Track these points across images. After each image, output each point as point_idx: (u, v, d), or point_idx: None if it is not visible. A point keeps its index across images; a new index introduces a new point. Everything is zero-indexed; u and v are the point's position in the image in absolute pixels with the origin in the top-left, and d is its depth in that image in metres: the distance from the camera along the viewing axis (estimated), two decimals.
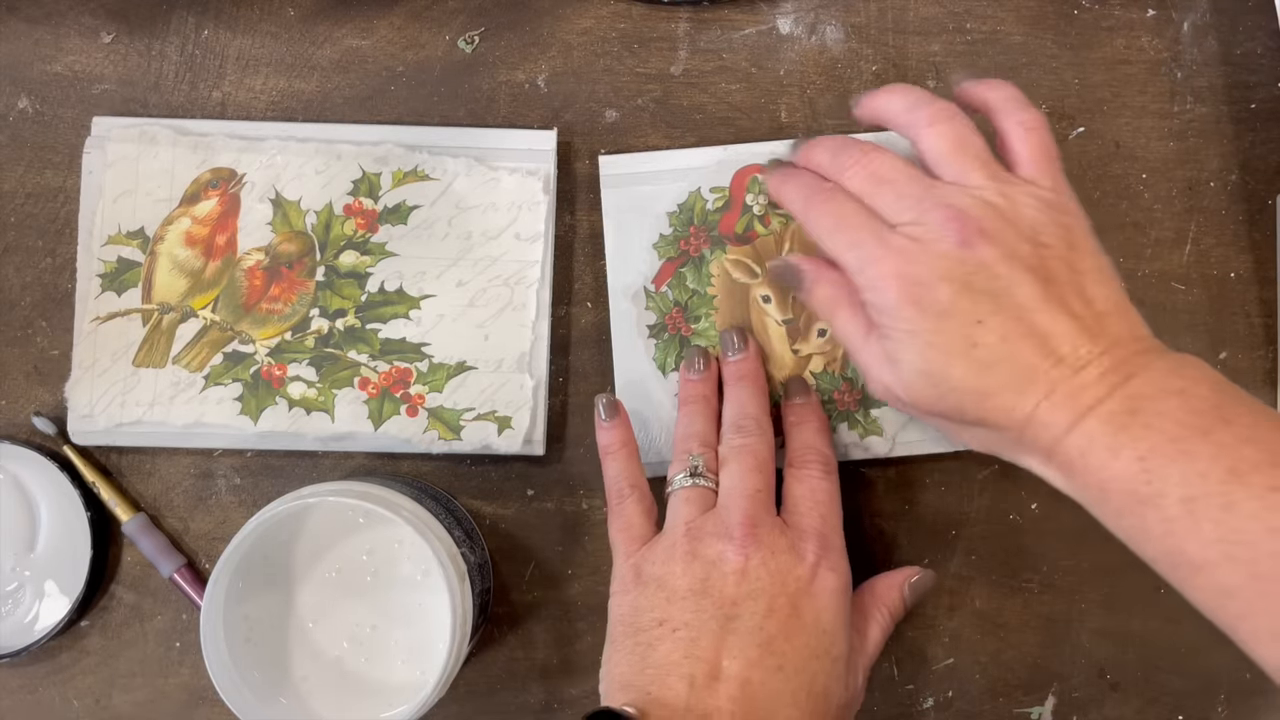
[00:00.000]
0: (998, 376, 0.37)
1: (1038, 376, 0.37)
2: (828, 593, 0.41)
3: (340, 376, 0.48)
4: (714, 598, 0.40)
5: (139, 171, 0.48)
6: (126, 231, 0.48)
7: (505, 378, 0.48)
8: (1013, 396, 0.37)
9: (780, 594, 0.40)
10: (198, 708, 0.49)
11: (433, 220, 0.49)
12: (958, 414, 0.39)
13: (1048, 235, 0.38)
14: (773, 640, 0.39)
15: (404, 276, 0.48)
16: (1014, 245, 0.38)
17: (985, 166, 0.40)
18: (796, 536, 0.42)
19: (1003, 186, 0.39)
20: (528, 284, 0.48)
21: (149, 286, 0.48)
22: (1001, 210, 0.39)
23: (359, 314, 0.48)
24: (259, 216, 0.49)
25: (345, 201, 0.49)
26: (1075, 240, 0.39)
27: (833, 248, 0.41)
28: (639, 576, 0.42)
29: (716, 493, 0.43)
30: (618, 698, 0.39)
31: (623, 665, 0.40)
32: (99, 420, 0.48)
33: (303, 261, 0.48)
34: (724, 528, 0.41)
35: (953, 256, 0.38)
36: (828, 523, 0.43)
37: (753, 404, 0.45)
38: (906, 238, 0.39)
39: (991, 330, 0.37)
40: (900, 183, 0.40)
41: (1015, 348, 0.37)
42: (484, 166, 0.49)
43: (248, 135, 0.49)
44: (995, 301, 0.37)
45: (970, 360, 0.37)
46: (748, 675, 0.39)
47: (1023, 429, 0.37)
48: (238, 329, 0.48)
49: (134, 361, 0.48)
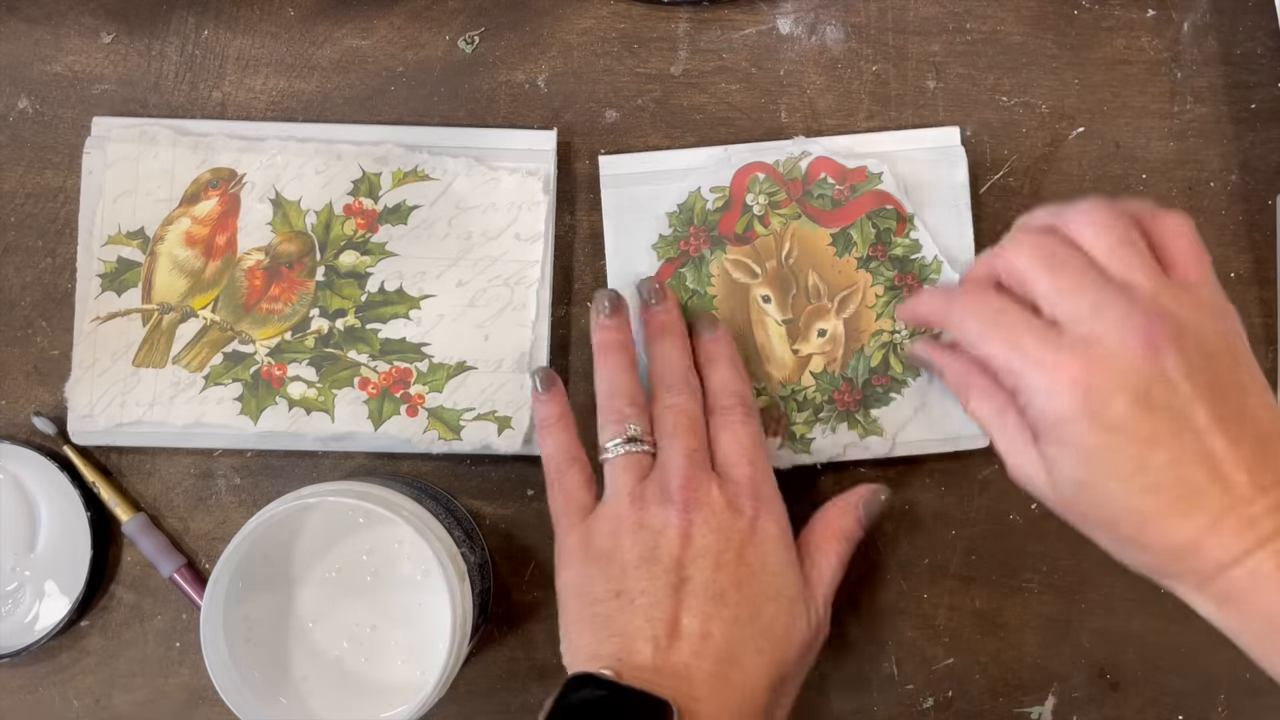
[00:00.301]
0: (1162, 500, 0.35)
1: (1206, 503, 0.35)
2: (770, 540, 0.42)
3: (340, 376, 0.48)
4: (664, 563, 0.41)
5: (139, 171, 0.48)
6: (126, 231, 0.48)
7: (505, 378, 0.48)
8: (1176, 521, 0.35)
9: (726, 549, 0.41)
10: (198, 708, 0.49)
11: (433, 220, 0.49)
12: (1109, 529, 0.37)
13: (1215, 345, 0.36)
14: (725, 592, 0.40)
15: (404, 276, 0.48)
16: (1192, 356, 0.36)
17: (1147, 265, 0.37)
18: (733, 491, 0.43)
19: (1173, 290, 0.37)
20: (528, 284, 0.48)
21: (149, 286, 0.48)
22: (1177, 316, 0.36)
23: (359, 314, 0.48)
24: (259, 216, 0.49)
25: (345, 201, 0.49)
26: (1239, 354, 0.37)
27: (985, 348, 0.39)
28: (587, 550, 0.42)
29: (653, 455, 0.44)
30: (589, 667, 0.39)
31: (586, 637, 0.41)
32: (99, 420, 0.48)
33: (303, 261, 0.48)
34: (665, 493, 0.42)
35: (1135, 365, 0.35)
36: (757, 468, 0.43)
37: (678, 358, 0.45)
38: (1080, 339, 0.36)
39: (1165, 450, 0.35)
40: (1069, 270, 0.37)
41: (1186, 471, 0.35)
42: (484, 166, 0.49)
43: (248, 135, 0.49)
44: (1172, 420, 0.35)
45: (1136, 481, 0.35)
46: (708, 629, 0.40)
47: (1182, 555, 0.35)
48: (238, 329, 0.48)
49: (134, 361, 0.48)
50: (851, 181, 0.49)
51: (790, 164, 0.49)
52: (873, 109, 0.50)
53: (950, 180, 0.49)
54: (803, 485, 0.49)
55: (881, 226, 0.48)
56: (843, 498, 0.46)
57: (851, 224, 0.49)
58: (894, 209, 0.48)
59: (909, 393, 0.48)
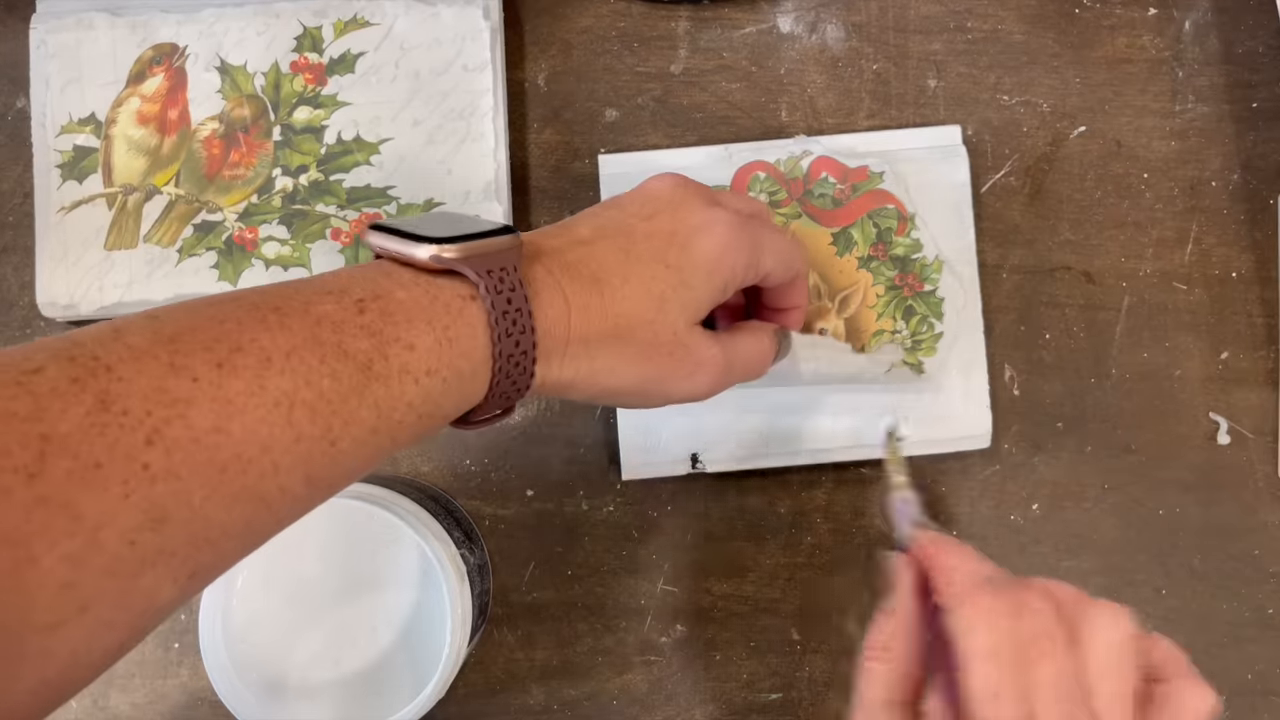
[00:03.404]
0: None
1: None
2: (712, 242, 0.37)
3: (312, 230, 0.49)
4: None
5: (80, 58, 0.49)
6: (78, 119, 0.49)
7: (475, 208, 0.48)
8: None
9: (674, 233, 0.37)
10: (197, 708, 0.49)
11: (380, 65, 0.49)
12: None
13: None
14: (633, 230, 0.36)
15: (359, 124, 0.49)
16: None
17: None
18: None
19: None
20: (482, 114, 0.49)
21: (109, 170, 0.49)
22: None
23: (321, 167, 0.49)
24: (208, 86, 0.49)
25: (291, 59, 0.49)
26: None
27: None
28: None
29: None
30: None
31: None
32: (81, 308, 0.48)
33: (258, 124, 0.49)
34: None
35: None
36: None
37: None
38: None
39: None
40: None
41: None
42: (422, 3, 0.49)
43: (184, 7, 0.49)
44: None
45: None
46: (594, 238, 0.36)
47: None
48: (204, 199, 0.49)
49: (105, 246, 0.48)
50: (853, 181, 0.48)
51: (791, 163, 0.49)
52: (873, 108, 0.50)
53: (951, 179, 0.49)
54: (803, 485, 0.49)
55: (882, 226, 0.48)
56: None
57: (852, 223, 0.48)
58: (895, 208, 0.48)
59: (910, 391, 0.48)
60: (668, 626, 0.49)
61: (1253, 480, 0.49)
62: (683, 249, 0.36)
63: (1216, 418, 0.49)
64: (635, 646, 0.49)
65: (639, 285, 0.35)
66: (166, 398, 0.25)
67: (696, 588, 0.49)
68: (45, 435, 0.23)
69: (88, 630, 0.24)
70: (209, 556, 0.26)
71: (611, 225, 0.36)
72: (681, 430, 0.48)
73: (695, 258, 0.36)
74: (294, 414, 0.27)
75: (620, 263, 0.35)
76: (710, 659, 0.49)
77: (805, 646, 0.49)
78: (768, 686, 0.49)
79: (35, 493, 0.23)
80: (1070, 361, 0.50)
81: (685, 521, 0.49)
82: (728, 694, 0.49)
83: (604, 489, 0.49)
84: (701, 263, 0.36)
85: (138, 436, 0.24)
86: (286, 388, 0.27)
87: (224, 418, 0.25)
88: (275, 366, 0.27)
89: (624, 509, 0.49)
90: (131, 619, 0.25)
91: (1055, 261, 0.50)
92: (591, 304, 0.34)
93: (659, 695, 0.49)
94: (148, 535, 0.24)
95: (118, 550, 0.24)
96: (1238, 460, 0.49)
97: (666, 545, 0.49)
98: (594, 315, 0.34)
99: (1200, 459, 0.49)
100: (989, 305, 0.49)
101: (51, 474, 0.23)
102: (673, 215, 0.37)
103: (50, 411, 0.23)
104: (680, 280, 0.36)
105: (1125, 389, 0.49)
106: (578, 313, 0.34)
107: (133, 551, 0.24)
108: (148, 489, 0.24)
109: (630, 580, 0.49)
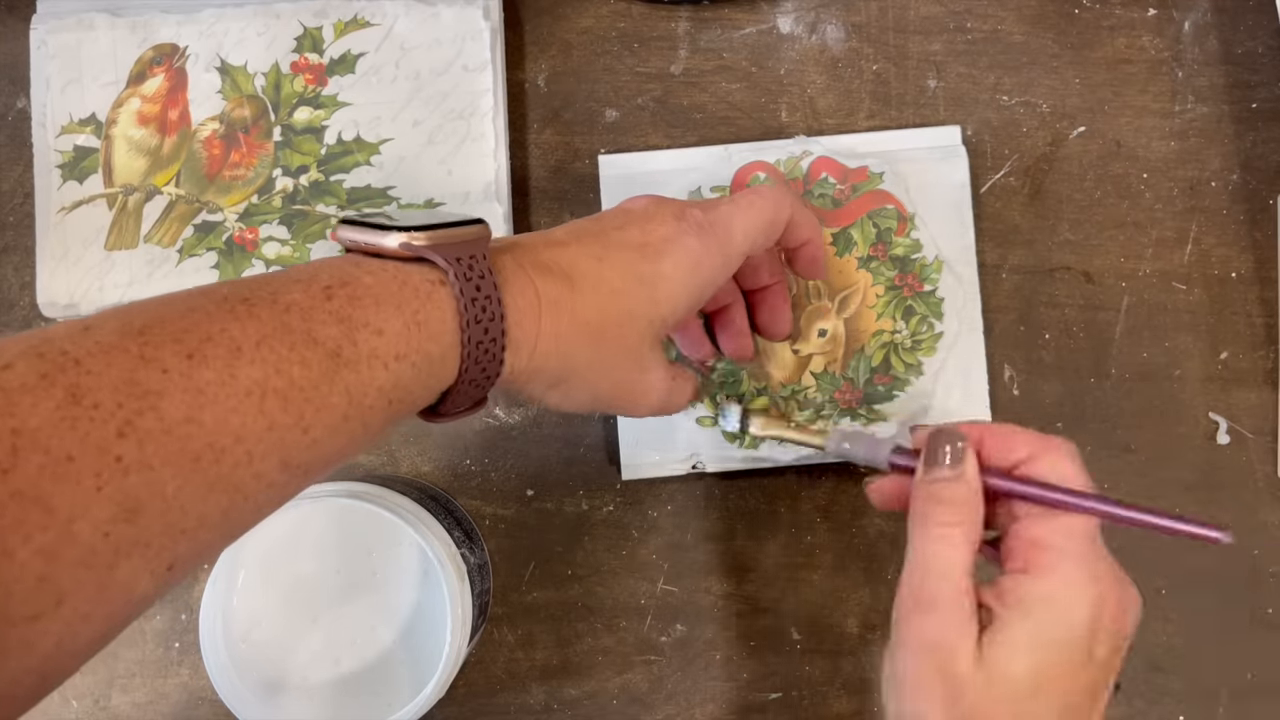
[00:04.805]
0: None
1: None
2: (680, 256, 0.37)
3: (312, 231, 0.49)
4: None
5: (81, 59, 0.49)
6: (78, 119, 0.49)
7: (475, 209, 0.48)
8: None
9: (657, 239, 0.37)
10: (197, 708, 0.49)
11: (380, 65, 0.49)
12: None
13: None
14: (607, 237, 0.36)
15: (360, 124, 0.49)
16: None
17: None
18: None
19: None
20: (482, 114, 0.49)
21: (109, 170, 0.49)
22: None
23: (321, 167, 0.49)
24: (208, 86, 0.49)
25: (291, 59, 0.49)
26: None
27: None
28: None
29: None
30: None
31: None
32: (82, 308, 0.48)
33: (258, 124, 0.49)
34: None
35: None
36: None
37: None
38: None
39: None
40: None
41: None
42: (422, 4, 0.49)
43: (184, 8, 0.49)
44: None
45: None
46: (568, 241, 0.36)
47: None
48: (204, 199, 0.49)
49: (106, 246, 0.49)
50: (853, 181, 0.49)
51: (791, 163, 0.49)
52: (873, 108, 0.50)
53: (951, 180, 0.49)
54: (802, 485, 0.49)
55: (882, 226, 0.48)
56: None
57: (852, 224, 0.48)
58: (895, 208, 0.48)
59: (911, 391, 0.48)
60: (668, 626, 0.49)
61: (1252, 480, 0.49)
62: (654, 264, 0.36)
63: (1216, 418, 0.49)
64: (635, 646, 0.49)
65: (609, 294, 0.35)
66: (137, 390, 0.25)
67: (696, 588, 0.49)
68: (16, 430, 0.23)
69: (65, 622, 0.24)
70: (186, 547, 0.26)
71: (586, 232, 0.37)
72: (682, 430, 0.48)
73: (665, 271, 0.36)
74: (265, 403, 0.27)
75: (593, 268, 0.36)
76: (710, 659, 0.49)
77: (805, 646, 0.49)
78: (768, 686, 0.49)
79: (8, 487, 0.23)
80: (1070, 361, 0.50)
81: (685, 521, 0.49)
82: (728, 694, 0.49)
83: (604, 489, 0.49)
84: (672, 277, 0.37)
85: (109, 429, 0.24)
86: (257, 376, 0.27)
87: (195, 408, 0.26)
88: (245, 356, 0.27)
89: (624, 509, 0.49)
90: (109, 610, 0.25)
91: (1055, 261, 0.50)
92: (563, 300, 0.34)
93: (659, 695, 0.49)
94: (122, 527, 0.24)
95: (92, 542, 0.24)
96: (1237, 460, 0.49)
97: (666, 545, 0.49)
98: (564, 312, 0.34)
99: (1200, 459, 0.49)
100: (989, 305, 0.49)
101: (24, 468, 0.23)
102: (643, 228, 0.37)
103: (21, 406, 0.24)
104: (650, 297, 0.36)
105: (1125, 389, 0.49)
106: (549, 306, 0.34)
107: (107, 543, 0.24)
108: (120, 481, 0.24)
109: (630, 580, 0.49)
